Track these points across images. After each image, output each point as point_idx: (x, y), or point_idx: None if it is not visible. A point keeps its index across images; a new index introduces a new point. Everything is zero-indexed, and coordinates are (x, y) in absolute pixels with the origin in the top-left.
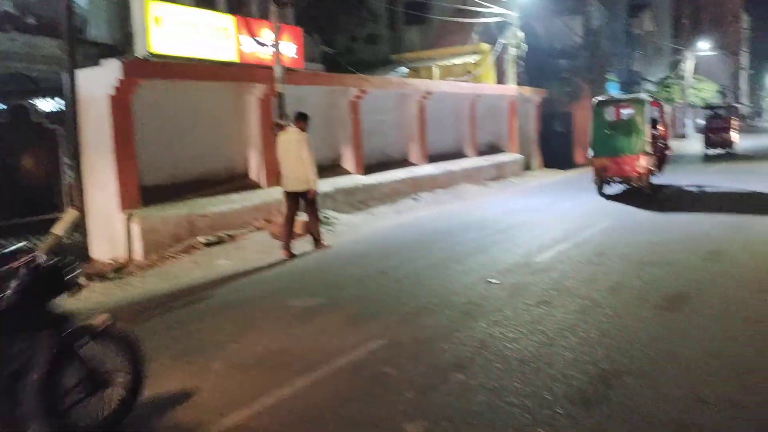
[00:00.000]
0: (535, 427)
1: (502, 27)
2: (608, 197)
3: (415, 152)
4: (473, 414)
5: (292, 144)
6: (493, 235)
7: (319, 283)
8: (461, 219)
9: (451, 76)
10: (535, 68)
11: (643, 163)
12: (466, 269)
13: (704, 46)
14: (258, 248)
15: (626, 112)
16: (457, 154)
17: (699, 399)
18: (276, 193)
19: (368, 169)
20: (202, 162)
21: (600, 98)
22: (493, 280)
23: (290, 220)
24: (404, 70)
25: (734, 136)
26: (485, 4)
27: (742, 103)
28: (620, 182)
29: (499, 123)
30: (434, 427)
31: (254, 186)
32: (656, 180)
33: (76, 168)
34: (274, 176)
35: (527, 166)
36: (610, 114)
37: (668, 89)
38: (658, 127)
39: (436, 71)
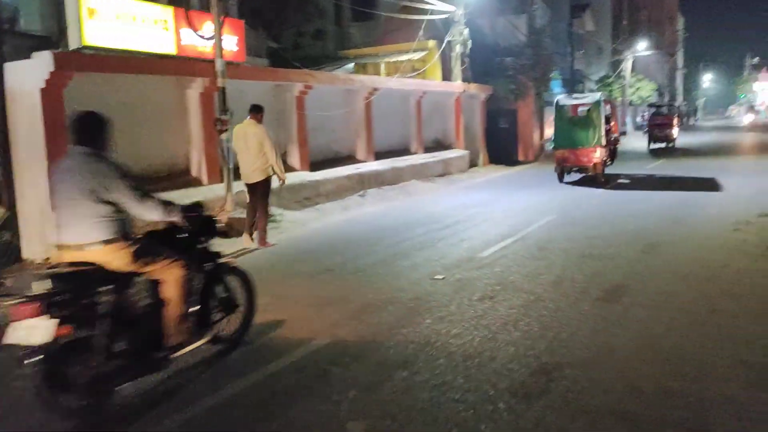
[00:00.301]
0: (478, 423)
1: (447, 24)
2: (556, 191)
3: (362, 148)
4: (416, 412)
5: (249, 137)
6: (439, 231)
7: (264, 281)
8: (408, 215)
9: (397, 72)
10: (481, 66)
11: (599, 154)
12: (412, 265)
13: (642, 46)
14: None
15: (583, 109)
16: (404, 151)
17: (635, 388)
18: (218, 190)
19: (314, 165)
20: (141, 158)
21: (561, 97)
22: (439, 276)
23: (252, 210)
24: (351, 66)
25: (675, 132)
26: (431, 1)
27: (678, 103)
28: (578, 171)
29: (445, 119)
30: (376, 425)
31: (196, 183)
32: (609, 170)
33: (5, 165)
34: (216, 172)
35: (473, 163)
36: (570, 111)
37: (609, 87)
38: (610, 123)
39: (383, 67)
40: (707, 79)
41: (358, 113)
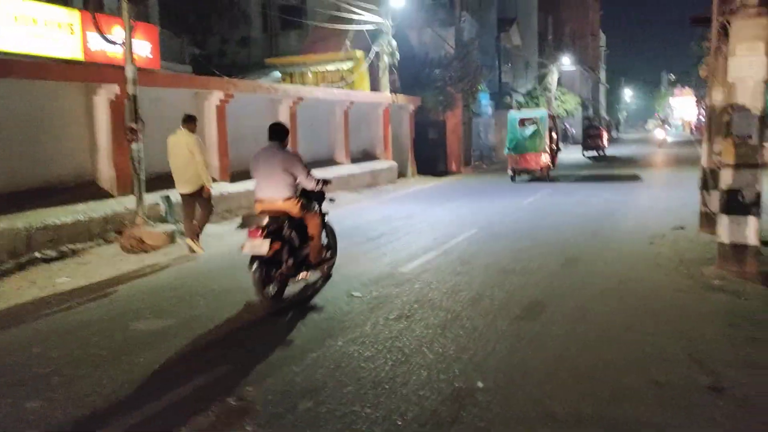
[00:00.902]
0: None
1: (376, 35)
2: (482, 203)
3: None
4: None
5: (181, 146)
6: (362, 244)
7: (172, 301)
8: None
9: (325, 82)
10: (410, 77)
11: (544, 159)
12: (330, 282)
13: (566, 61)
14: (106, 263)
15: (531, 121)
16: (331, 161)
17: (548, 415)
18: (128, 202)
19: (236, 176)
20: (46, 169)
21: (513, 111)
22: (356, 293)
23: (190, 218)
24: (277, 74)
25: (605, 142)
26: (358, 11)
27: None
28: (528, 173)
29: (373, 130)
30: None
31: (104, 195)
32: (552, 173)
33: None
34: (127, 184)
35: (402, 174)
36: (520, 123)
37: (535, 101)
38: (552, 134)
39: (310, 77)
40: (628, 94)
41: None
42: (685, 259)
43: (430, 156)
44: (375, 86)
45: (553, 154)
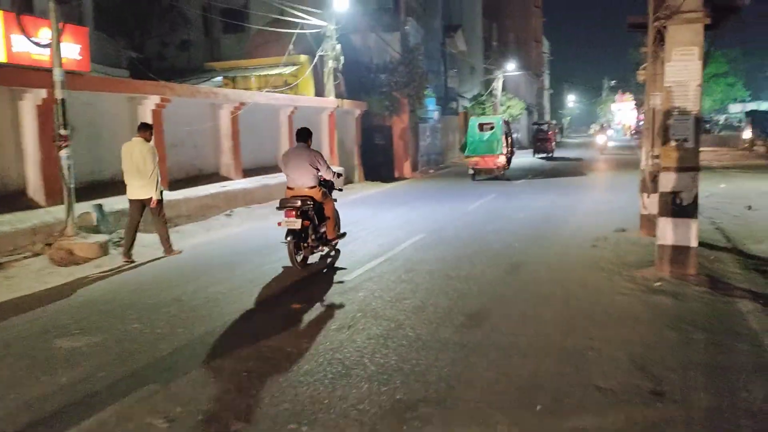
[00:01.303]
0: None
1: (320, 39)
2: (429, 207)
3: (229, 165)
4: None
5: (135, 154)
6: None
7: (101, 316)
8: (275, 235)
9: (269, 86)
10: (356, 82)
11: (501, 160)
12: (271, 293)
13: (511, 67)
14: (34, 277)
15: (489, 126)
16: (276, 168)
17: (489, 427)
18: (58, 212)
19: (175, 183)
20: None
21: (473, 118)
22: (298, 305)
23: (133, 227)
24: (219, 79)
25: (554, 145)
26: (302, 15)
27: (546, 121)
28: (486, 172)
29: (319, 136)
30: None
31: (32, 205)
32: (507, 173)
33: None
34: (57, 193)
35: (349, 179)
36: (479, 127)
37: (482, 105)
38: (508, 137)
39: (254, 81)
40: (571, 100)
41: (224, 128)
42: (626, 261)
43: (377, 161)
44: (320, 91)
45: (509, 156)
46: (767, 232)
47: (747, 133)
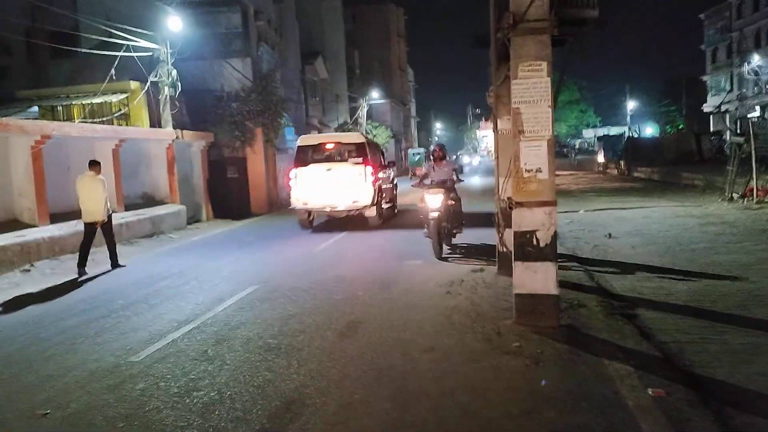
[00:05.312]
0: None
1: (155, 63)
2: (273, 249)
3: (29, 210)
4: None
5: (87, 185)
6: (99, 320)
7: None
8: (73, 297)
9: (98, 116)
10: (202, 111)
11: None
12: (15, 390)
13: (376, 95)
14: None
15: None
16: None
17: None
18: None
19: None
20: None
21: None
22: (43, 411)
23: (86, 245)
24: (35, 109)
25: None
26: (129, 37)
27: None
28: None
29: (155, 171)
30: None
31: None
32: None
33: None
34: None
35: (196, 218)
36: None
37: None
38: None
39: (78, 111)
40: (438, 127)
41: (23, 167)
42: (482, 312)
43: (231, 196)
44: (156, 121)
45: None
46: (627, 265)
47: (600, 157)
